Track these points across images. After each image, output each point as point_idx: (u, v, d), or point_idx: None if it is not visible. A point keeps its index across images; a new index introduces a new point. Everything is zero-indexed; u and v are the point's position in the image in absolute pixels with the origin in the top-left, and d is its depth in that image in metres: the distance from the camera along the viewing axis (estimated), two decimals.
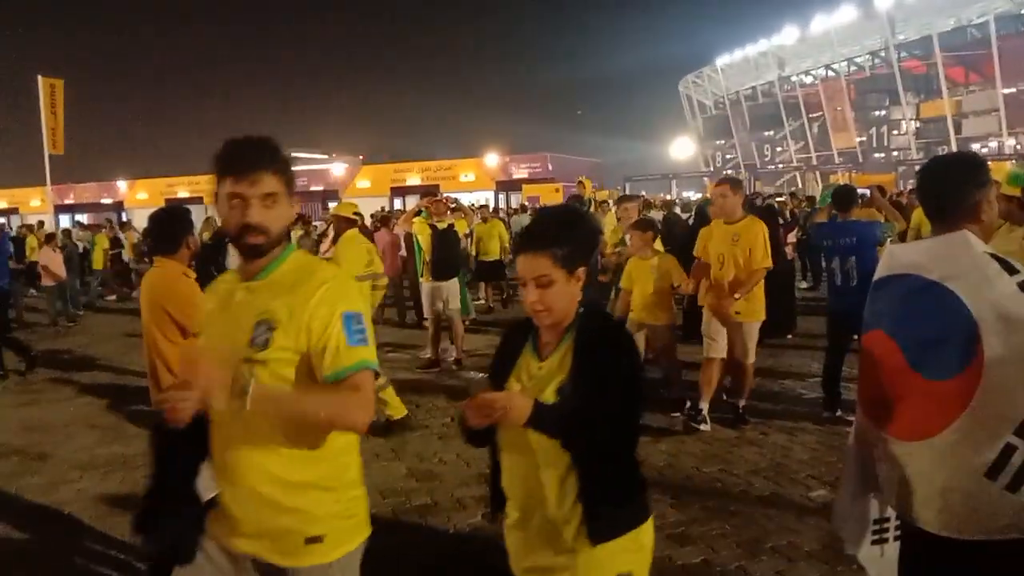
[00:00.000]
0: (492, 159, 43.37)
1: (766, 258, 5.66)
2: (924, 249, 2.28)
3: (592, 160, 48.20)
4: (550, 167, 41.31)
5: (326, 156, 51.65)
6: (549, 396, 1.97)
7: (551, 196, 30.14)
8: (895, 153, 48.72)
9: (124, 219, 29.28)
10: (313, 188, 45.18)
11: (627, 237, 6.55)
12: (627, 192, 28.20)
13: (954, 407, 2.05)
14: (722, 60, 59.74)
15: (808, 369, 7.43)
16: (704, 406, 5.83)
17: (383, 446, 5.75)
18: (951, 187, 2.25)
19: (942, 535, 2.09)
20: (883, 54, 49.97)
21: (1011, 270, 2.08)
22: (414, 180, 43.61)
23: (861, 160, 47.32)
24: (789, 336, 9.01)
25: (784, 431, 5.75)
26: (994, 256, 2.14)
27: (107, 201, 49.58)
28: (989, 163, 2.50)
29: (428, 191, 8.16)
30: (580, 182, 9.99)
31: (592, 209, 8.87)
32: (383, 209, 21.67)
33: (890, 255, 2.40)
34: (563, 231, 2.02)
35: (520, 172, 42.27)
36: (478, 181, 42.36)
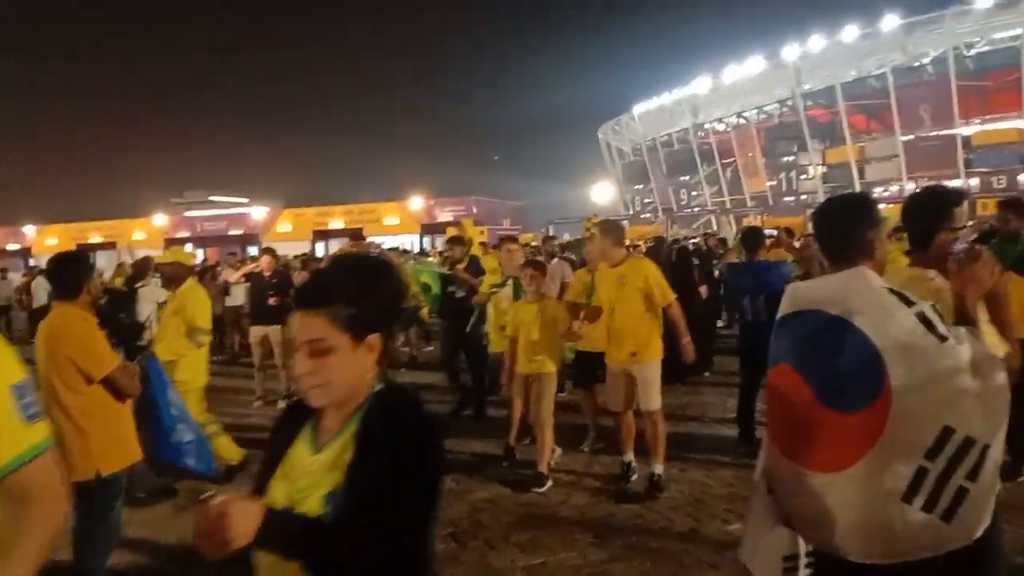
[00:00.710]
0: (416, 202, 43.49)
1: (667, 292, 5.46)
2: (826, 286, 2.36)
3: (515, 203, 48.81)
4: (474, 210, 41.57)
5: (246, 200, 50.75)
6: (315, 504, 1.54)
7: (476, 238, 30.22)
8: (803, 196, 50.75)
9: (31, 265, 28.02)
10: (232, 232, 44.25)
11: (514, 279, 6.48)
12: (550, 233, 28.51)
13: (867, 438, 2.12)
14: (639, 108, 61.55)
15: (725, 406, 7.61)
16: (628, 458, 5.63)
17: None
18: (849, 227, 2.37)
19: (866, 563, 2.15)
20: (790, 103, 52.26)
21: (908, 302, 2.19)
22: (337, 223, 43.29)
23: (772, 203, 49.14)
24: (706, 374, 9.21)
25: (702, 467, 5.85)
26: (891, 290, 2.25)
27: (13, 247, 47.45)
28: (891, 205, 2.65)
29: (354, 235, 7.93)
30: (459, 223, 10.04)
31: (469, 251, 8.56)
32: (305, 254, 21.36)
33: (793, 292, 2.48)
34: (353, 285, 1.60)
35: (445, 215, 42.40)
36: (402, 224, 42.30)
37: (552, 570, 4.24)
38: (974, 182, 44.42)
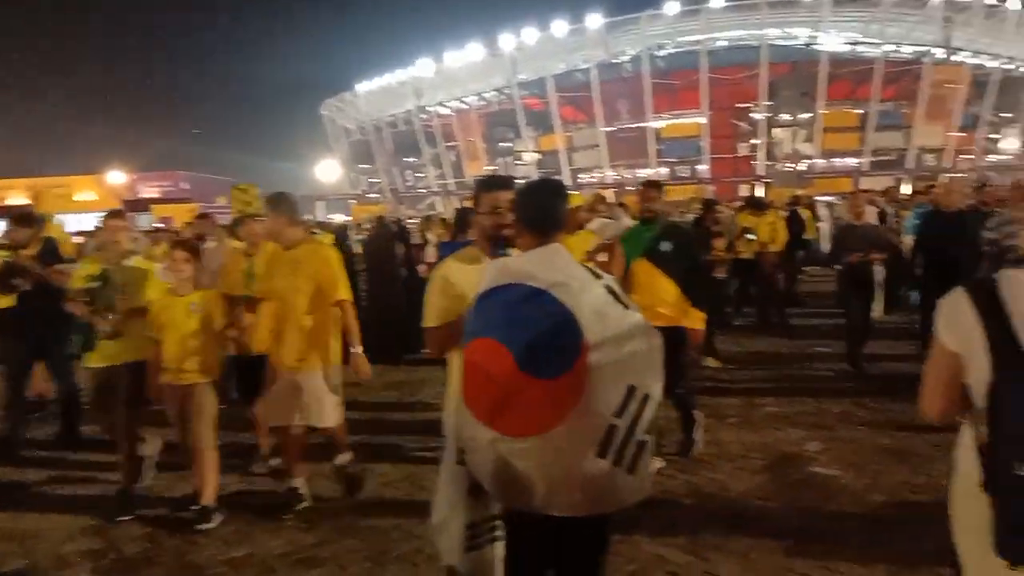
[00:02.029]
0: (116, 176, 39.41)
1: (340, 288, 4.66)
2: (528, 260, 2.49)
3: (232, 180, 46.10)
4: (185, 186, 38.65)
5: None
6: None
7: (185, 217, 28.20)
8: (520, 181, 53.66)
9: None
10: None
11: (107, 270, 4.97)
12: None
13: (567, 401, 2.27)
14: (363, 86, 61.01)
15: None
16: (297, 484, 4.79)
17: None
18: (550, 205, 2.57)
19: (568, 515, 2.32)
20: (507, 91, 54.84)
21: (597, 276, 2.43)
22: (18, 199, 38.01)
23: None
24: (423, 352, 9.40)
25: (418, 446, 5.94)
26: (583, 264, 2.50)
27: None
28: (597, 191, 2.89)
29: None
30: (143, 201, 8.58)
31: (40, 232, 6.47)
32: None
33: (498, 267, 2.59)
34: None
35: (150, 191, 38.98)
36: (101, 201, 38.17)
37: (259, 560, 4.10)
38: (664, 171, 49.79)
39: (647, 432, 2.32)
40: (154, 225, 23.91)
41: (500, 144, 55.86)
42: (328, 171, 55.07)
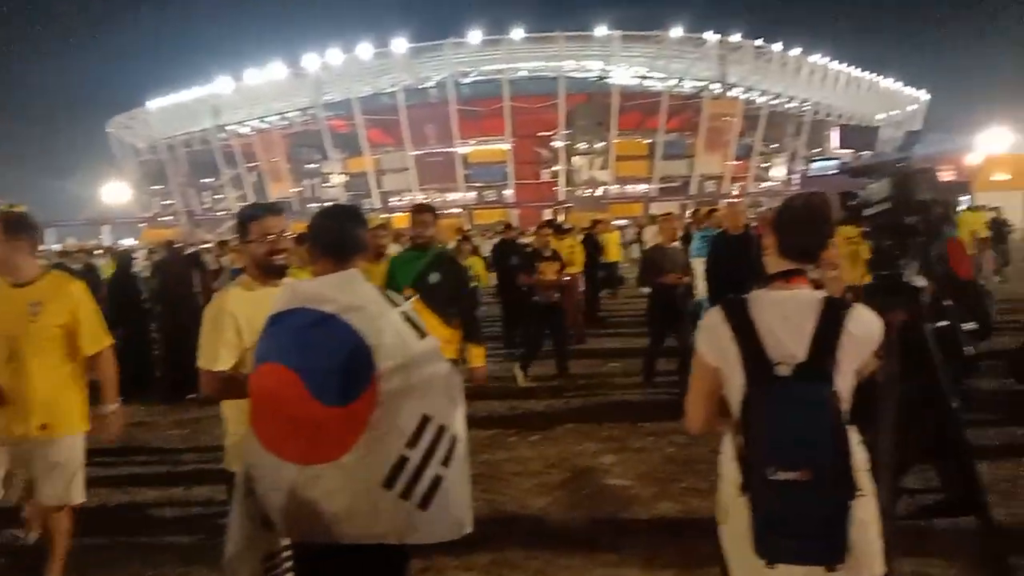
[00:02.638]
0: None
1: (101, 335, 3.77)
2: (322, 284, 2.42)
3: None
4: None
5: None
6: None
7: None
8: (328, 204, 52.71)
9: None
10: None
11: None
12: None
13: (356, 429, 2.21)
14: (155, 103, 57.40)
15: None
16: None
17: None
18: (347, 230, 2.49)
19: (353, 544, 2.25)
20: (312, 111, 53.74)
21: (394, 303, 2.39)
22: None
23: (298, 209, 50.06)
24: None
25: (206, 493, 5.58)
26: (379, 290, 2.45)
27: None
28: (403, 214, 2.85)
29: None
30: None
31: None
32: None
33: (290, 290, 2.51)
34: None
35: None
36: None
37: None
38: (471, 195, 50.79)
39: (447, 466, 2.28)
40: None
41: (306, 166, 54.53)
42: (116, 192, 51.27)
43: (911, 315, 3.02)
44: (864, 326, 2.14)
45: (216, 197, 57.34)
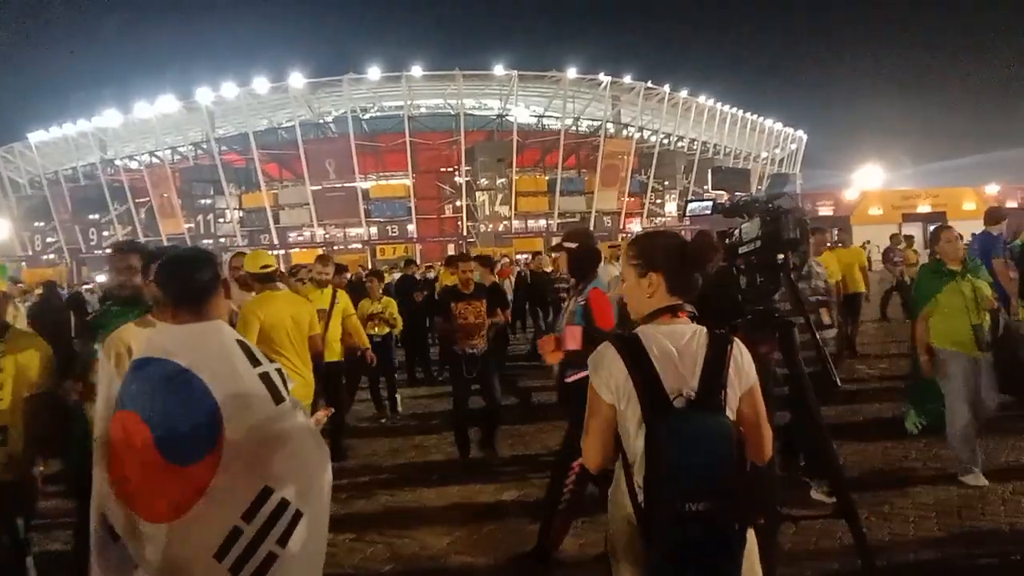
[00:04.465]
0: None
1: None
2: (174, 336, 2.32)
3: None
4: None
5: None
6: None
7: None
8: (222, 240, 51.13)
9: None
10: None
11: None
12: None
13: (196, 490, 2.13)
14: (36, 136, 54.57)
15: None
16: None
17: None
18: (197, 277, 2.37)
19: None
20: (205, 146, 52.26)
21: (256, 361, 2.29)
22: None
23: (191, 245, 48.42)
24: None
25: None
26: (244, 345, 2.33)
27: None
28: (303, 250, 2.80)
29: None
30: None
31: None
32: None
33: (147, 338, 2.43)
34: None
35: None
36: None
37: None
38: (373, 230, 50.33)
39: (283, 545, 2.19)
40: None
41: (199, 201, 52.80)
42: None
43: (783, 348, 3.20)
44: (747, 356, 2.24)
45: (104, 233, 54.75)
